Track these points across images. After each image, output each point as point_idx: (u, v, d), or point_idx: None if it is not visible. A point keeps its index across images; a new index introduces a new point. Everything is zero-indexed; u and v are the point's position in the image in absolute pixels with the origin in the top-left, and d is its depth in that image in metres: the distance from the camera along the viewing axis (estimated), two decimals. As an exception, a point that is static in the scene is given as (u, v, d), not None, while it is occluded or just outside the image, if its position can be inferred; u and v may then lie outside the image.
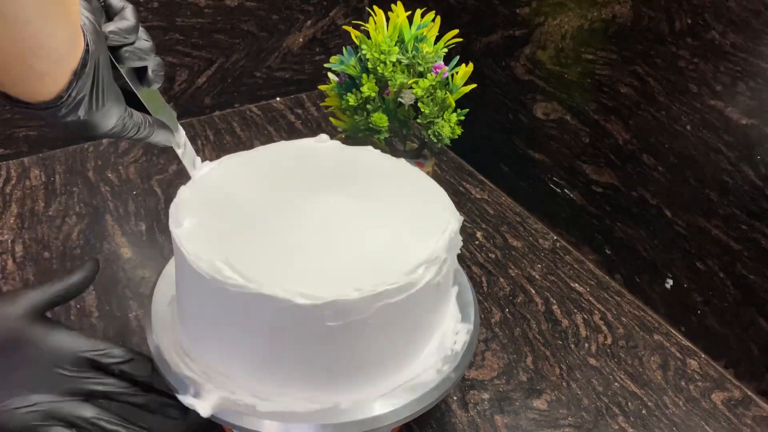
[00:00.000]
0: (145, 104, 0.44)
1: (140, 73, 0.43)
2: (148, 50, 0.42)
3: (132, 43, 0.41)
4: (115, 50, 0.40)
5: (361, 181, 0.52)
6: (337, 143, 0.56)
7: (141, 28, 0.42)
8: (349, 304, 0.40)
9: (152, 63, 0.43)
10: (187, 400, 0.43)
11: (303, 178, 0.51)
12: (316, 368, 0.44)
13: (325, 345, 0.43)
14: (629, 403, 0.62)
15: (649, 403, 0.62)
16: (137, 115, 0.43)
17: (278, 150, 0.55)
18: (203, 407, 0.42)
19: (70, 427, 0.43)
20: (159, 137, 0.45)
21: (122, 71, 0.42)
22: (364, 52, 0.66)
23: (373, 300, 0.41)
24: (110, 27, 0.39)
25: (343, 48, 0.70)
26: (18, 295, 0.44)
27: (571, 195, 0.80)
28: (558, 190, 0.82)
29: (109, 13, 0.41)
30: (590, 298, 0.74)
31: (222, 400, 0.43)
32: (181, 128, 0.48)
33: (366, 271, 0.42)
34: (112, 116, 0.40)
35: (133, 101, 0.43)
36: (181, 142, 0.48)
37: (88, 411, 0.44)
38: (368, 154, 0.55)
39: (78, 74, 0.35)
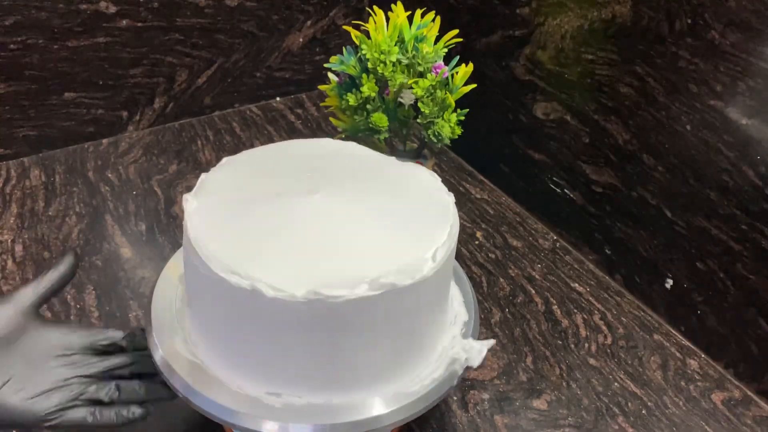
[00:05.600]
0: None
1: None
2: None
3: None
4: None
5: (364, 179, 0.52)
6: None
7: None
8: (351, 303, 0.40)
9: None
10: None
11: (306, 177, 0.51)
12: (316, 367, 0.44)
13: (326, 343, 0.43)
14: (629, 403, 0.62)
15: (649, 403, 0.62)
16: None
17: (283, 149, 0.55)
18: None
19: (92, 405, 0.45)
20: None
21: None
22: (364, 52, 0.66)
23: (375, 298, 0.41)
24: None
25: (343, 48, 0.70)
26: (11, 296, 0.46)
27: (571, 195, 0.80)
28: (558, 190, 0.82)
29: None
30: (590, 298, 0.74)
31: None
32: None
33: (369, 270, 0.42)
34: None
35: None
36: None
37: (102, 390, 0.46)
38: (373, 153, 0.55)
39: None
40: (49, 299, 0.47)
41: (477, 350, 0.49)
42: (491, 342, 0.49)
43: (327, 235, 0.45)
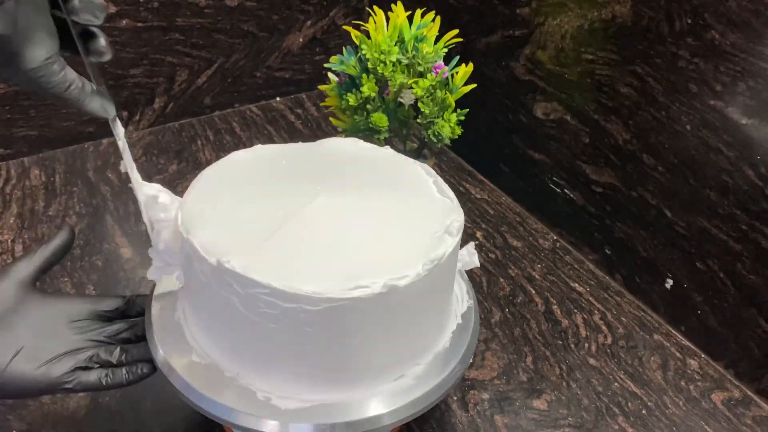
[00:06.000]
0: (89, 72, 0.42)
1: (88, 41, 0.41)
2: (100, 7, 0.39)
3: None
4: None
5: (367, 178, 0.52)
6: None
7: None
8: (353, 302, 0.40)
9: (101, 37, 0.41)
10: None
11: (308, 176, 0.51)
12: (316, 366, 0.44)
13: (326, 343, 0.43)
14: (629, 403, 0.62)
15: (649, 403, 0.62)
16: (71, 71, 0.40)
17: (281, 148, 0.55)
18: None
19: (105, 368, 0.46)
20: (94, 105, 0.42)
21: (73, 32, 0.40)
22: (364, 52, 0.66)
23: (377, 298, 0.41)
24: None
25: (343, 48, 0.70)
26: (6, 270, 0.46)
27: (571, 195, 0.80)
28: (558, 190, 0.82)
29: None
30: (590, 298, 0.74)
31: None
32: (119, 122, 0.46)
33: (370, 269, 0.42)
34: (40, 47, 0.37)
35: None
36: (120, 134, 0.46)
37: (110, 353, 0.47)
38: (377, 152, 0.55)
39: None
40: (45, 272, 0.48)
41: (468, 254, 0.53)
42: (472, 244, 0.54)
43: (329, 234, 0.45)
